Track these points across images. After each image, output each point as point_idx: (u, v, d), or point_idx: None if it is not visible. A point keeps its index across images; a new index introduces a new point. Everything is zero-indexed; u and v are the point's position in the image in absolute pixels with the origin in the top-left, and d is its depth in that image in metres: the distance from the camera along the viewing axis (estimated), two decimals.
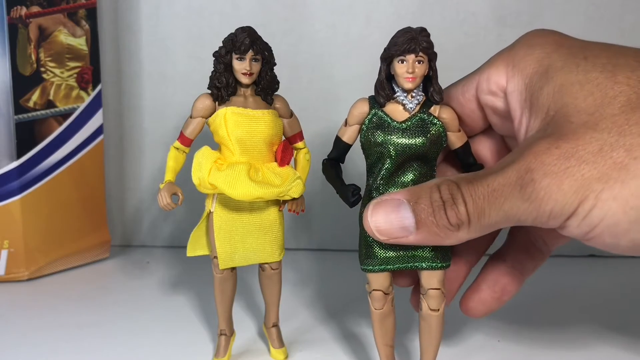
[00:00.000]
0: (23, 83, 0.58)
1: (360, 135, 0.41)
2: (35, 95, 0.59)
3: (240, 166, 0.42)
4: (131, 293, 0.59)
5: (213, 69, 0.43)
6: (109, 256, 0.67)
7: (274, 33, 0.61)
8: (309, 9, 0.65)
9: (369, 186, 0.41)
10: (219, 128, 0.43)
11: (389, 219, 0.37)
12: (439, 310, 0.41)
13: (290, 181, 0.43)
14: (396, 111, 0.40)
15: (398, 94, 0.40)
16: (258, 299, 0.56)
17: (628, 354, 0.48)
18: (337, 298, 0.58)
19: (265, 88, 0.44)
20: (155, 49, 0.67)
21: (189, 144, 0.44)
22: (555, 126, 0.35)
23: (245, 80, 0.43)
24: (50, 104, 0.60)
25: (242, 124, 0.42)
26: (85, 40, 0.61)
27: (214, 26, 0.66)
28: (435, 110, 0.40)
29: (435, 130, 0.40)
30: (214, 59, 0.43)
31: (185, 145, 0.44)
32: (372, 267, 0.41)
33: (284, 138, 0.45)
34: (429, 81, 0.40)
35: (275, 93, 0.45)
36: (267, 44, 0.43)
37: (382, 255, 0.40)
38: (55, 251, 0.62)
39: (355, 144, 0.42)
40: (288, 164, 0.44)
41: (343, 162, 0.43)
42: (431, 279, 0.41)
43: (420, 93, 0.40)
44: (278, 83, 0.44)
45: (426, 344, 0.42)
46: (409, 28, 0.39)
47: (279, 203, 0.45)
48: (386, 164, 0.40)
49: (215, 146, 0.44)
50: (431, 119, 0.40)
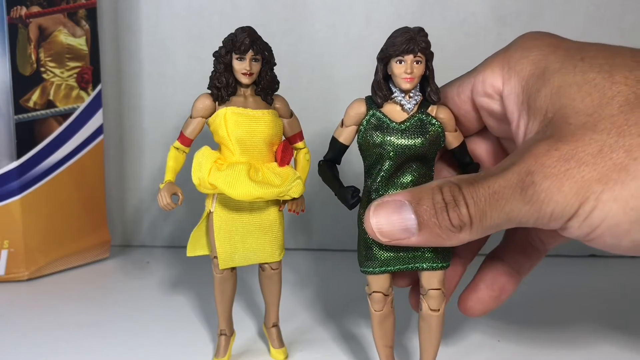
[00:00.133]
0: (23, 83, 0.58)
1: (357, 136, 0.41)
2: (35, 95, 0.59)
3: (240, 166, 0.42)
4: (131, 293, 0.59)
5: (213, 69, 0.43)
6: (109, 256, 0.67)
7: (274, 33, 0.61)
8: (309, 9, 0.65)
9: (367, 187, 0.41)
10: (218, 128, 0.43)
11: (391, 220, 0.37)
12: (439, 310, 0.41)
13: (290, 181, 0.43)
14: (394, 112, 0.40)
15: (396, 94, 0.40)
16: (258, 299, 0.56)
17: (628, 354, 0.48)
18: (337, 298, 0.58)
19: (265, 88, 0.44)
20: (155, 49, 0.67)
21: (189, 144, 0.44)
22: (554, 128, 0.35)
23: (245, 80, 0.43)
24: (50, 104, 0.60)
25: (242, 124, 0.42)
26: (85, 40, 0.61)
27: (214, 26, 0.66)
28: (432, 110, 0.40)
29: (433, 130, 0.40)
30: (214, 59, 0.43)
31: (185, 145, 0.44)
32: (373, 269, 0.40)
33: (284, 138, 0.45)
34: (426, 81, 0.40)
35: (275, 93, 0.45)
36: (267, 44, 0.43)
37: (382, 256, 0.40)
38: (55, 251, 0.62)
39: (353, 144, 0.42)
40: (288, 164, 0.44)
41: (339, 164, 0.42)
42: (432, 279, 0.41)
43: (418, 93, 0.40)
44: (278, 83, 0.44)
45: (426, 344, 0.42)
46: (407, 28, 0.39)
47: (279, 203, 0.45)
48: (385, 165, 0.40)
49: (215, 146, 0.44)
50: (429, 119, 0.40)
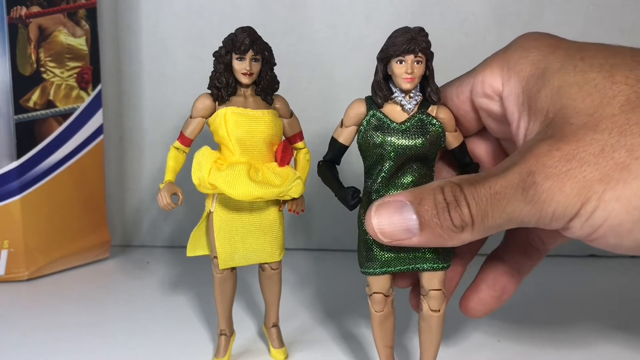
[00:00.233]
0: (23, 83, 0.58)
1: (357, 137, 0.41)
2: (35, 95, 0.59)
3: (240, 166, 0.42)
4: (131, 293, 0.59)
5: (213, 69, 0.43)
6: (109, 256, 0.67)
7: (274, 33, 0.61)
8: (309, 9, 0.65)
9: (367, 188, 0.41)
10: (219, 128, 0.43)
11: (393, 220, 0.37)
12: (440, 310, 0.41)
13: (290, 181, 0.43)
14: (394, 112, 0.40)
15: (396, 94, 0.39)
16: (258, 299, 0.56)
17: (628, 354, 0.48)
18: (337, 298, 0.58)
19: (265, 88, 0.44)
20: (155, 49, 0.67)
21: (189, 144, 0.44)
22: (555, 128, 0.35)
23: (245, 80, 0.43)
24: (50, 104, 0.60)
25: (242, 124, 0.42)
26: (85, 40, 0.61)
27: (214, 26, 0.66)
28: (433, 110, 0.40)
29: (434, 130, 0.40)
30: (214, 59, 0.43)
31: (185, 145, 0.44)
32: (373, 270, 0.40)
33: (284, 138, 0.45)
34: (426, 81, 0.40)
35: (275, 93, 0.45)
36: (267, 44, 0.43)
37: (383, 257, 0.40)
38: (55, 251, 0.62)
39: (352, 145, 0.42)
40: (288, 164, 0.44)
41: (339, 164, 0.42)
42: (432, 280, 0.41)
43: (418, 93, 0.40)
44: (278, 83, 0.44)
45: (426, 344, 0.42)
46: (407, 28, 0.39)
47: (279, 203, 0.45)
48: (386, 166, 0.39)
49: (215, 146, 0.44)
50: (430, 119, 0.40)
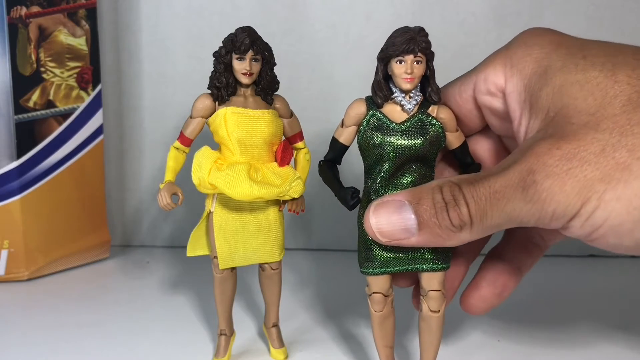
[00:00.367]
0: (23, 83, 0.58)
1: (357, 137, 0.41)
2: (35, 95, 0.59)
3: (240, 166, 0.42)
4: (131, 293, 0.59)
5: (213, 69, 0.43)
6: (109, 256, 0.67)
7: (274, 33, 0.61)
8: (309, 9, 0.65)
9: (367, 188, 0.41)
10: (218, 128, 0.43)
11: (391, 220, 0.37)
12: (439, 311, 0.41)
13: (290, 181, 0.43)
14: (394, 112, 0.40)
15: (396, 94, 0.39)
16: (258, 299, 0.56)
17: (628, 353, 0.48)
18: (337, 298, 0.58)
19: (265, 88, 0.44)
20: (155, 49, 0.67)
21: (189, 144, 0.44)
22: (556, 127, 0.35)
23: (245, 80, 0.43)
24: (50, 104, 0.60)
25: (242, 124, 0.42)
26: (85, 40, 0.61)
27: (214, 26, 0.66)
28: (433, 110, 0.40)
29: (434, 131, 0.40)
30: (214, 59, 0.43)
31: (185, 145, 0.44)
32: (372, 270, 0.40)
33: (284, 138, 0.45)
34: (427, 81, 0.40)
35: (275, 93, 0.45)
36: (267, 44, 0.43)
37: (382, 257, 0.40)
38: (55, 251, 0.62)
39: (352, 145, 0.42)
40: (288, 164, 0.44)
41: (340, 164, 0.42)
42: (432, 281, 0.41)
43: (418, 93, 0.40)
44: (278, 83, 0.44)
45: (426, 345, 0.42)
46: (407, 28, 0.39)
47: (279, 203, 0.45)
48: (385, 166, 0.39)
49: (215, 146, 0.44)
50: (430, 119, 0.40)
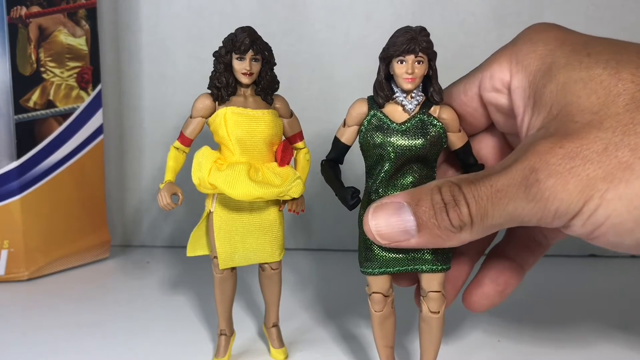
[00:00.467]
0: (23, 83, 0.58)
1: (359, 137, 0.41)
2: (35, 95, 0.59)
3: (240, 166, 0.42)
4: (131, 293, 0.59)
5: (213, 69, 0.43)
6: (109, 256, 0.67)
7: (274, 33, 0.61)
8: (309, 9, 0.65)
9: (368, 188, 0.41)
10: (218, 128, 0.43)
11: (390, 222, 0.37)
12: (439, 312, 0.41)
13: (290, 181, 0.43)
14: (395, 112, 0.40)
15: (397, 94, 0.39)
16: (258, 299, 0.56)
17: (628, 353, 0.48)
18: (337, 298, 0.58)
19: (265, 88, 0.44)
20: (155, 49, 0.67)
21: (189, 144, 0.44)
22: (559, 125, 0.35)
23: (245, 80, 0.43)
24: (50, 104, 0.60)
25: (242, 123, 0.42)
26: (85, 40, 0.61)
27: (214, 26, 0.66)
28: (435, 110, 0.40)
29: (435, 131, 0.39)
30: (214, 59, 0.43)
31: (185, 145, 0.44)
32: (372, 270, 0.40)
33: (284, 138, 0.45)
34: (429, 81, 0.40)
35: (275, 93, 0.45)
36: (267, 44, 0.43)
37: (382, 257, 0.40)
38: (55, 251, 0.62)
39: (354, 145, 0.42)
40: (288, 164, 0.44)
41: (342, 163, 0.42)
42: (431, 282, 0.40)
43: (420, 93, 0.40)
44: (278, 83, 0.44)
45: (426, 345, 0.42)
46: (409, 27, 0.39)
47: (279, 203, 0.45)
48: (385, 166, 0.39)
49: (215, 146, 0.44)
50: (431, 119, 0.40)
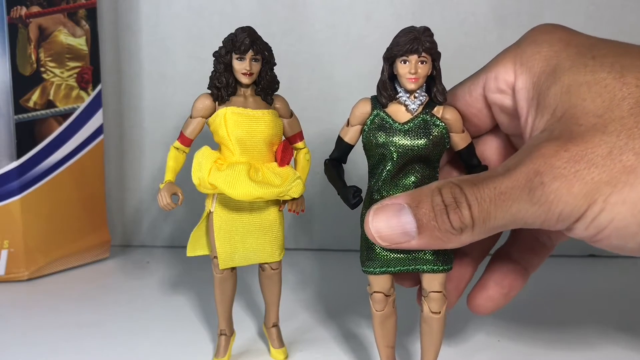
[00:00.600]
0: (23, 83, 0.58)
1: (362, 136, 0.41)
2: (35, 95, 0.59)
3: (240, 166, 0.42)
4: (131, 293, 0.59)
5: (213, 69, 0.43)
6: (109, 256, 0.67)
7: (274, 33, 0.61)
8: (309, 9, 0.65)
9: (370, 188, 0.41)
10: (218, 128, 0.43)
11: (390, 224, 0.37)
12: (440, 312, 0.41)
13: (290, 181, 0.43)
14: (398, 112, 0.40)
15: (400, 94, 0.39)
16: (258, 299, 0.56)
17: (628, 353, 0.48)
18: (338, 298, 0.58)
19: (265, 88, 0.43)
20: (155, 49, 0.67)
21: (189, 144, 0.44)
22: (564, 128, 0.34)
23: (245, 80, 0.43)
24: (50, 104, 0.60)
25: (242, 123, 0.42)
26: (85, 40, 0.61)
27: (214, 26, 0.66)
28: (438, 111, 0.40)
29: (437, 131, 0.39)
30: (214, 59, 0.43)
31: (185, 145, 0.44)
32: (373, 269, 0.40)
33: (284, 138, 0.45)
34: (433, 81, 0.40)
35: (275, 93, 0.45)
36: (267, 44, 0.43)
37: (383, 257, 0.40)
38: (55, 251, 0.62)
39: (357, 145, 0.42)
40: (288, 164, 0.44)
41: (345, 163, 0.42)
42: (432, 282, 0.40)
43: (423, 94, 0.40)
44: (278, 83, 0.44)
45: (427, 346, 0.42)
46: (412, 27, 0.39)
47: (279, 203, 0.45)
48: (388, 166, 0.39)
49: (215, 146, 0.44)
50: (434, 120, 0.40)
